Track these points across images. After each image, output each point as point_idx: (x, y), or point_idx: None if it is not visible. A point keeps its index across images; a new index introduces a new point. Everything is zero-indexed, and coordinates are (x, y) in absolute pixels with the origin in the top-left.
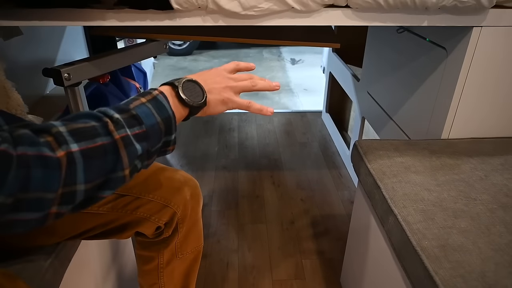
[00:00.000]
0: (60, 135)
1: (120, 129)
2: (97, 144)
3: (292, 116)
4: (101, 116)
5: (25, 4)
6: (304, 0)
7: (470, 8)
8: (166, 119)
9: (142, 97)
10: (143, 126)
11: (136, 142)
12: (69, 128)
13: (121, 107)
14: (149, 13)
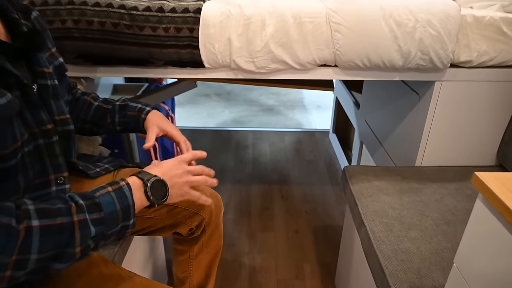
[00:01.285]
0: (27, 212)
1: (80, 213)
2: (57, 222)
3: (302, 135)
4: (68, 200)
5: (101, 63)
6: (302, 62)
7: (430, 68)
8: (125, 208)
9: (110, 186)
10: (102, 213)
11: (92, 226)
12: (36, 207)
13: (87, 194)
14: (187, 69)
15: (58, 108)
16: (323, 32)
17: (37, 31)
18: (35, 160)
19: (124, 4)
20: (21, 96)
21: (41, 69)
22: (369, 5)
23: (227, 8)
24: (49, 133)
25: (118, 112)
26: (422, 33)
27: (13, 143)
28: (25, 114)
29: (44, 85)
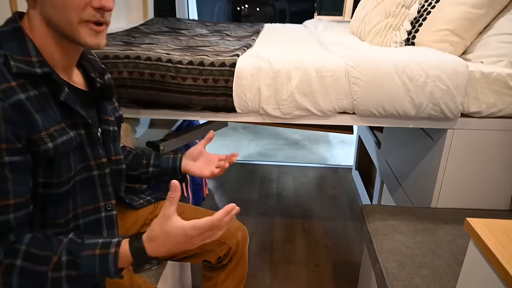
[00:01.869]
0: (17, 251)
1: (57, 271)
2: (35, 269)
3: (325, 171)
4: (56, 251)
5: (148, 107)
6: (323, 110)
7: (442, 118)
8: (103, 274)
9: (100, 248)
10: (79, 272)
11: (65, 282)
12: (27, 248)
13: (75, 251)
14: (221, 113)
15: (115, 150)
16: (342, 85)
17: (107, 85)
18: (86, 188)
19: (171, 58)
20: (85, 134)
21: (106, 117)
22: (384, 61)
23: (258, 63)
24: (103, 166)
25: (154, 156)
26: (432, 87)
27: (67, 172)
28: (86, 148)
29: (107, 130)
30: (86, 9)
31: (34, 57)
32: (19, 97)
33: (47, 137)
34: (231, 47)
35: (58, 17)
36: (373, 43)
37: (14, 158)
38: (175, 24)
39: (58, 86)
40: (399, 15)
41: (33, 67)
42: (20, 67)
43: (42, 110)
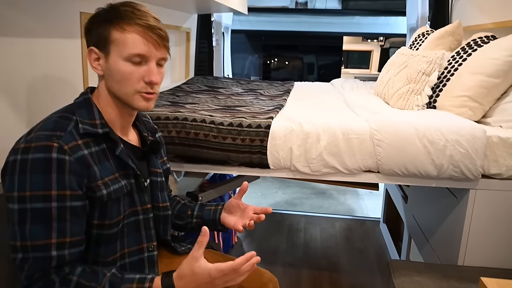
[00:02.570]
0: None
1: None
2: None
3: (353, 223)
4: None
5: (190, 162)
6: (349, 168)
7: (463, 178)
8: None
9: (136, 283)
10: None
11: None
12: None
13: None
14: (256, 169)
15: (162, 198)
16: (367, 146)
17: (156, 142)
18: (132, 230)
19: (214, 120)
20: (134, 183)
21: (155, 169)
22: (405, 126)
23: (290, 125)
24: (148, 211)
25: (198, 207)
26: (452, 151)
27: (117, 216)
28: (134, 196)
29: (155, 181)
30: (139, 83)
31: (97, 120)
32: (83, 153)
33: (102, 185)
34: (265, 108)
35: (117, 89)
36: (396, 106)
37: (75, 203)
38: (213, 83)
39: (114, 143)
40: (420, 81)
41: (96, 128)
42: (86, 128)
43: (100, 163)
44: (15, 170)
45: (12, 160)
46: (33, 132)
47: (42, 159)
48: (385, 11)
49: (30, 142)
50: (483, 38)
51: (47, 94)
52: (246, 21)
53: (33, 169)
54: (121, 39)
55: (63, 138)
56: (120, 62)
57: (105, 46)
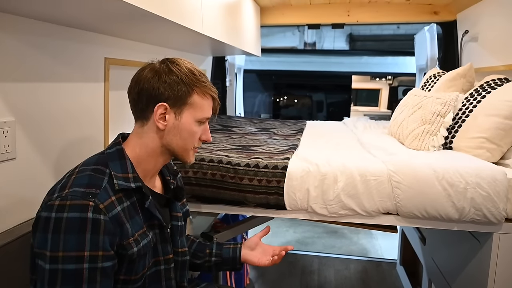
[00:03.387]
0: None
1: None
2: None
3: (368, 264)
4: None
5: (207, 202)
6: (367, 210)
7: (485, 222)
8: None
9: None
10: None
11: None
12: None
13: None
14: (272, 210)
15: (181, 243)
16: (385, 188)
17: (179, 188)
18: (153, 281)
19: (230, 161)
20: (159, 233)
21: (176, 214)
22: (424, 168)
23: (306, 166)
24: (169, 261)
25: (216, 246)
26: (473, 193)
27: (143, 269)
28: (157, 246)
29: (176, 225)
30: (198, 140)
31: (130, 173)
32: (116, 210)
33: (133, 242)
34: (280, 148)
35: (178, 144)
36: (412, 146)
37: (106, 264)
38: (227, 122)
39: (145, 195)
40: (435, 123)
41: (129, 182)
42: (121, 184)
43: (131, 218)
44: (48, 228)
45: (46, 217)
46: (68, 188)
47: (78, 219)
48: (393, 52)
49: (65, 199)
50: (496, 81)
51: (71, 136)
52: (257, 61)
53: (67, 229)
54: (200, 103)
55: (99, 196)
56: (192, 122)
57: (180, 106)
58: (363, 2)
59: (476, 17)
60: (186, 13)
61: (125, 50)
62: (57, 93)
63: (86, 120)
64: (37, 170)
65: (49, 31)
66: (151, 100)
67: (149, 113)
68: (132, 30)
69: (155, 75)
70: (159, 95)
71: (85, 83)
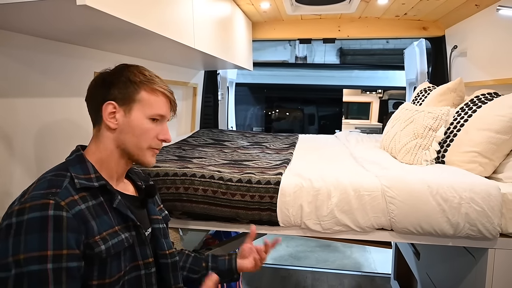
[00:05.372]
0: None
1: None
2: None
3: (362, 279)
4: None
5: (197, 219)
6: (362, 226)
7: (480, 237)
8: None
9: None
10: None
11: None
12: None
13: None
14: (265, 226)
15: (168, 245)
16: (380, 203)
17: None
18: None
19: (222, 176)
20: (135, 235)
21: (155, 217)
22: (418, 183)
23: (300, 181)
24: (149, 265)
25: (211, 258)
26: (467, 208)
27: (118, 272)
28: (135, 249)
29: (157, 228)
30: (154, 139)
31: (92, 174)
32: (80, 208)
33: (100, 241)
34: (272, 163)
35: (132, 143)
36: (404, 161)
37: (71, 264)
38: (219, 136)
39: (112, 195)
40: (427, 137)
41: (91, 182)
42: (82, 183)
43: (98, 217)
44: (9, 234)
45: (6, 225)
46: (27, 194)
47: (38, 218)
48: (382, 65)
49: (25, 203)
50: (486, 95)
51: (59, 152)
52: (248, 75)
53: (28, 229)
54: (149, 99)
55: (60, 194)
56: (143, 119)
57: (129, 103)
58: (354, 18)
59: (464, 33)
60: (177, 28)
61: (115, 64)
62: (45, 108)
63: (75, 136)
64: (21, 185)
65: (37, 45)
66: (100, 101)
67: (100, 115)
68: (123, 45)
69: (102, 77)
70: (107, 95)
71: (73, 98)
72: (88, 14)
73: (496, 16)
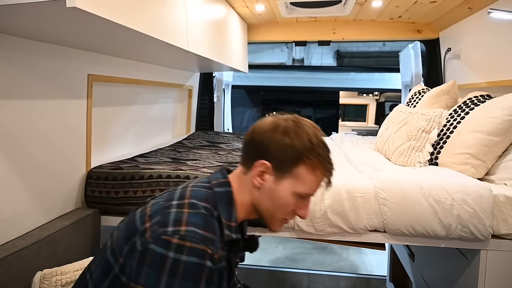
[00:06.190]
0: None
1: None
2: None
3: (358, 281)
4: None
5: None
6: (355, 228)
7: (472, 238)
8: None
9: None
10: None
11: None
12: None
13: None
14: (259, 228)
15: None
16: (372, 205)
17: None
18: None
19: None
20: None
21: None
22: (410, 184)
23: None
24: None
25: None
26: (459, 210)
27: None
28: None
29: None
30: (291, 213)
31: (233, 222)
32: (221, 265)
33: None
34: None
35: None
36: (398, 162)
37: None
38: (214, 138)
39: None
40: (421, 139)
41: (231, 232)
42: (228, 235)
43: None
44: (164, 269)
45: (161, 254)
46: (184, 224)
47: (196, 266)
48: (379, 68)
49: (184, 239)
50: (478, 97)
51: (51, 155)
52: (245, 77)
53: (185, 274)
54: (305, 178)
55: (214, 244)
56: (289, 192)
57: (283, 173)
58: (348, 20)
59: (458, 36)
60: (170, 30)
61: (110, 67)
62: (37, 110)
63: (68, 138)
64: (13, 190)
65: (30, 48)
66: (257, 153)
67: (251, 164)
68: (116, 47)
69: (271, 129)
70: (266, 153)
71: (66, 100)
72: (79, 16)
73: (488, 19)
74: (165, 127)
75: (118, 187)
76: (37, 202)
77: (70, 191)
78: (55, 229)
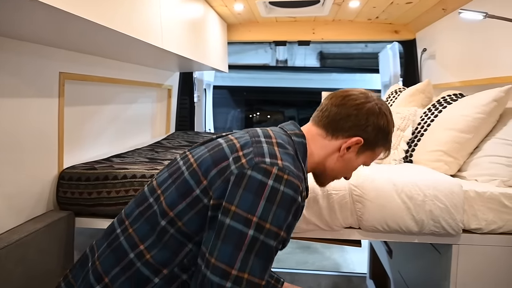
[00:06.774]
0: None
1: None
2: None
3: (339, 279)
4: None
5: None
6: (330, 225)
7: (444, 234)
8: None
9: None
10: None
11: None
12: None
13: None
14: None
15: None
16: (347, 202)
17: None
18: None
19: None
20: None
21: None
22: (384, 181)
23: None
24: None
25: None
26: (431, 206)
27: None
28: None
29: None
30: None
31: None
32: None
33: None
34: None
35: (335, 171)
36: None
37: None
38: (194, 138)
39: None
40: (395, 136)
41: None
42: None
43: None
44: (262, 194)
45: (260, 181)
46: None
47: (291, 198)
48: (360, 69)
49: (283, 171)
50: (451, 96)
51: (18, 157)
52: (228, 78)
53: (281, 203)
54: (377, 155)
55: (303, 184)
56: (361, 163)
57: (367, 149)
58: (328, 21)
59: (433, 36)
60: (142, 27)
61: (84, 65)
62: (3, 108)
63: (38, 138)
64: None
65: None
66: (355, 129)
67: (342, 135)
68: (89, 44)
69: (374, 112)
70: (363, 132)
71: (36, 98)
72: (41, 9)
73: (460, 20)
74: (143, 127)
75: (91, 188)
76: (6, 204)
77: (42, 192)
78: (26, 232)
